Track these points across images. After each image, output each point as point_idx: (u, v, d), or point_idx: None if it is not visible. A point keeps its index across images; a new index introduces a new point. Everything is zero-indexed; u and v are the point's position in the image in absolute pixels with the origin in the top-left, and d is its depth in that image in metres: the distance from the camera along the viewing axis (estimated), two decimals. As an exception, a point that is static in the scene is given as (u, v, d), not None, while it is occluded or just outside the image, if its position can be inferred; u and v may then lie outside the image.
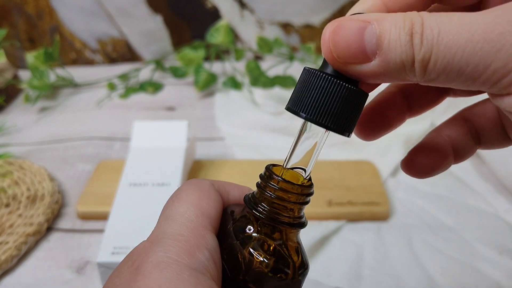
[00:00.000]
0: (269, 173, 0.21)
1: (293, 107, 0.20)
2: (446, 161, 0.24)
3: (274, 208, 0.21)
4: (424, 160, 0.24)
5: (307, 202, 0.21)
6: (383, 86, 0.24)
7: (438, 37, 0.16)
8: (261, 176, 0.22)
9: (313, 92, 0.19)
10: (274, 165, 0.22)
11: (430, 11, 0.23)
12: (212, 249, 0.19)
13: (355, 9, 0.21)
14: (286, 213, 0.21)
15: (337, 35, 0.18)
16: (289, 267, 0.20)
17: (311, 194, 0.21)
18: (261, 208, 0.21)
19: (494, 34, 0.16)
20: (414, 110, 0.25)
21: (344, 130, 0.19)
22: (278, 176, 0.21)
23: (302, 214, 0.22)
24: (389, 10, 0.20)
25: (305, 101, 0.19)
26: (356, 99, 0.19)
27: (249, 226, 0.21)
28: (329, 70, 0.19)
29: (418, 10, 0.20)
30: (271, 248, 0.20)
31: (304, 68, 0.20)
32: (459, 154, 0.25)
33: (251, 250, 0.20)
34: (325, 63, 0.19)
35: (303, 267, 0.21)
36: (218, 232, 0.21)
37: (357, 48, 0.18)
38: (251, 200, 0.21)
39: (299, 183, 0.22)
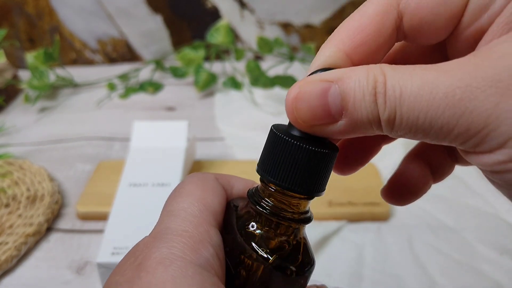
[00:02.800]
0: None
1: (263, 171, 0.20)
2: (426, 186, 0.24)
3: (278, 203, 0.20)
4: (404, 189, 0.24)
5: (313, 197, 0.21)
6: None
7: (401, 98, 0.16)
8: None
9: (279, 157, 0.19)
10: None
11: (395, 50, 0.22)
12: (216, 245, 0.19)
13: (315, 62, 0.20)
14: (291, 209, 0.20)
15: (300, 101, 0.18)
16: (294, 264, 0.20)
17: None
18: (265, 204, 0.20)
19: (455, 100, 0.15)
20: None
21: (315, 191, 0.20)
22: None
23: (307, 208, 0.21)
24: (351, 59, 0.19)
25: (273, 166, 0.19)
26: (325, 160, 0.19)
27: (252, 223, 0.20)
28: (295, 131, 0.19)
29: (381, 54, 0.19)
30: (276, 244, 0.20)
31: (271, 129, 0.20)
32: (438, 173, 0.24)
33: (255, 246, 0.19)
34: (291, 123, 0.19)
35: (310, 263, 0.20)
36: (222, 227, 0.21)
37: (322, 112, 0.17)
38: (254, 195, 0.21)
39: None
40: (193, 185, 0.21)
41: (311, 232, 0.44)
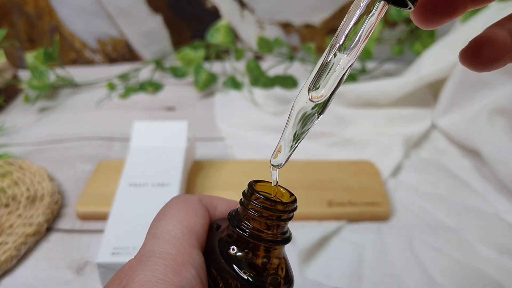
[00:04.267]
0: (252, 191, 0.21)
1: None
2: (507, 54, 0.22)
3: (257, 226, 0.21)
4: (485, 51, 0.22)
5: (290, 218, 0.21)
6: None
7: None
8: (243, 194, 0.21)
9: None
10: (257, 181, 0.22)
11: None
12: (198, 267, 0.20)
13: None
14: (270, 230, 0.21)
15: None
16: (274, 284, 0.20)
17: (294, 209, 0.21)
18: (244, 226, 0.21)
19: None
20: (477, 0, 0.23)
21: None
22: (260, 194, 0.21)
23: (286, 229, 0.22)
24: None
25: None
26: None
27: (233, 246, 0.21)
28: None
29: None
30: (256, 266, 0.20)
31: None
32: None
33: (236, 268, 0.20)
34: None
35: (288, 283, 0.21)
36: (205, 249, 0.21)
37: None
38: (234, 218, 0.21)
39: (283, 200, 0.21)
40: (176, 207, 0.22)
41: (312, 232, 0.44)
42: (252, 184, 0.21)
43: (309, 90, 0.20)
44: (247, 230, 0.21)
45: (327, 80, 0.20)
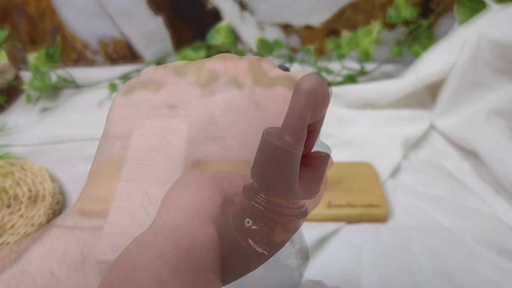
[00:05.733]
0: None
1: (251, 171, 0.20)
2: None
3: (273, 199, 0.20)
4: None
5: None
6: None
7: None
8: None
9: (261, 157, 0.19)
10: None
11: None
12: (212, 241, 0.19)
13: None
14: (286, 204, 0.20)
15: None
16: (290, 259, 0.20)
17: None
18: (260, 199, 0.20)
19: None
20: None
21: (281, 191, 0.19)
22: None
23: (302, 203, 0.21)
24: None
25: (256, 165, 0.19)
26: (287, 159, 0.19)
27: (248, 219, 0.20)
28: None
29: None
30: (271, 240, 0.20)
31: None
32: None
33: (251, 242, 0.19)
34: None
35: (304, 258, 0.21)
36: (219, 224, 0.21)
37: None
38: (249, 191, 0.21)
39: None
40: (189, 182, 0.21)
41: (310, 233, 0.44)
42: None
43: None
44: (262, 203, 0.20)
45: None
